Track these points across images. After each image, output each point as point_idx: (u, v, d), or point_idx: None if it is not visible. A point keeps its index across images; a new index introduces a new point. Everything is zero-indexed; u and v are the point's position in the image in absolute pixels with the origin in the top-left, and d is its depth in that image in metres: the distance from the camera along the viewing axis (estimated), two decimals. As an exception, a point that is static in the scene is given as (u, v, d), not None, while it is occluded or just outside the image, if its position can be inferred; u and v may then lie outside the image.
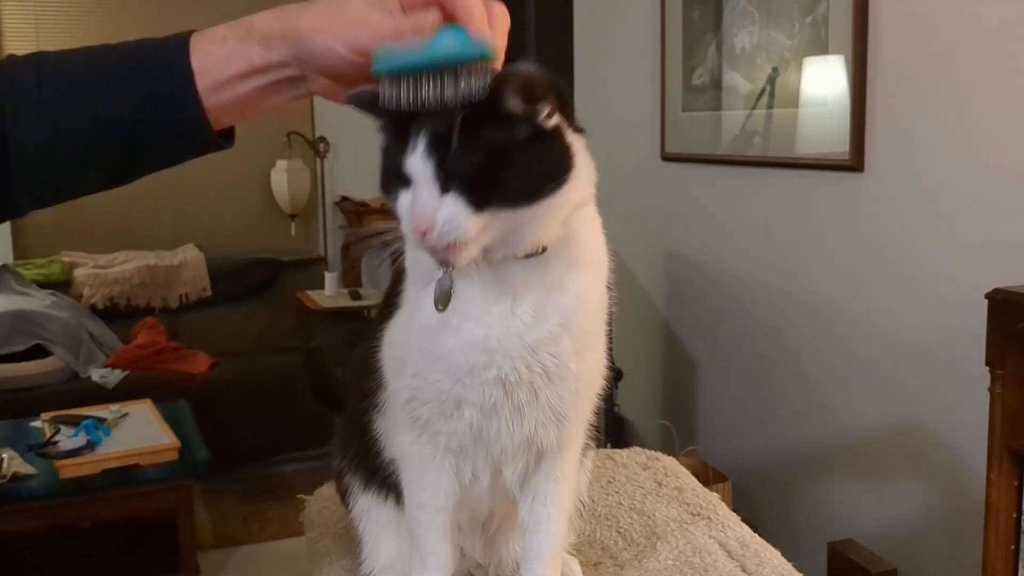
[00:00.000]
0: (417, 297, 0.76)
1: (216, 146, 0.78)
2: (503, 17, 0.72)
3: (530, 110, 0.67)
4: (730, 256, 3.04)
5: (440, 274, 0.72)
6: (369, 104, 0.70)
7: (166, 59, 0.75)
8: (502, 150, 0.66)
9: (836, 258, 2.58)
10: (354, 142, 4.89)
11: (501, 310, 0.73)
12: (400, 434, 0.82)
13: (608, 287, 0.80)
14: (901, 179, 2.37)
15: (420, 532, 0.83)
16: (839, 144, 2.50)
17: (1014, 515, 1.85)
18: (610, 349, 0.84)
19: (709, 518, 1.03)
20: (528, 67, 0.67)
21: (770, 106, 2.79)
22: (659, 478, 1.13)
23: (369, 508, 0.91)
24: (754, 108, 2.85)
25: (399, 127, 0.69)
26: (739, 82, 2.91)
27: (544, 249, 0.73)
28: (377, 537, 0.91)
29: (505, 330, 0.73)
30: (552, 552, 0.85)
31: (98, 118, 0.74)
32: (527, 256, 0.73)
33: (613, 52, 3.68)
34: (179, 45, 0.75)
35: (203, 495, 3.64)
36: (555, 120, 0.69)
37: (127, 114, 0.74)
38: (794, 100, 2.67)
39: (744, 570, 0.93)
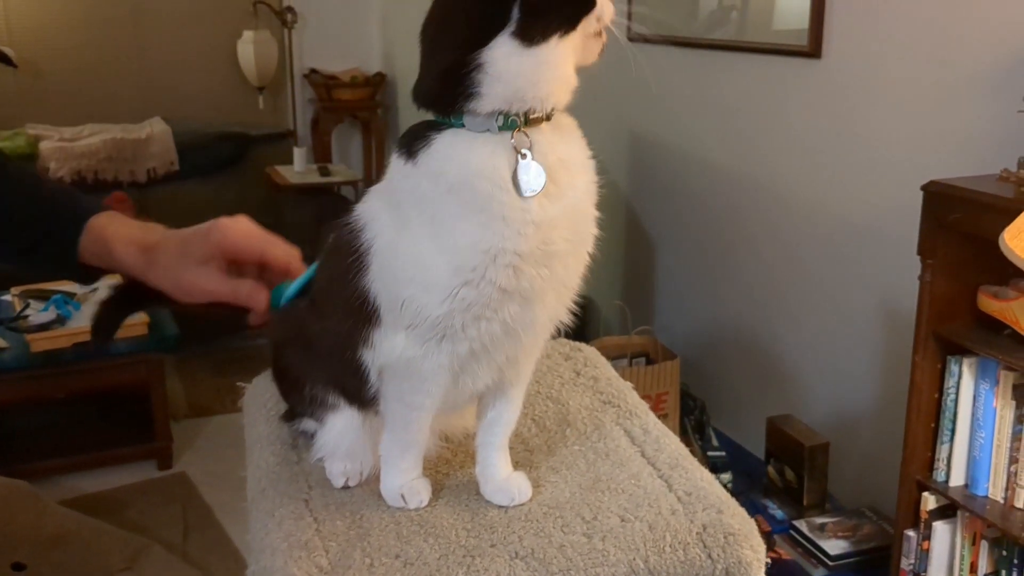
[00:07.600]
0: (453, 220, 0.78)
1: (82, 278, 1.08)
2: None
3: None
4: (691, 139, 3.06)
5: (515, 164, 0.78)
6: None
7: (81, 203, 1.05)
8: None
9: (791, 143, 2.62)
10: (323, 13, 4.78)
11: (553, 184, 0.80)
12: (407, 350, 0.83)
13: None
14: (856, 67, 2.38)
15: (414, 429, 0.89)
16: (799, 29, 2.50)
17: (936, 395, 1.96)
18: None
19: (619, 406, 1.10)
20: None
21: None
22: (578, 368, 1.19)
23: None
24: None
25: None
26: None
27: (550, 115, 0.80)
28: (331, 424, 0.94)
29: (553, 204, 0.80)
30: (515, 420, 0.94)
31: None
32: (547, 119, 0.80)
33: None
34: (96, 204, 1.05)
35: (177, 367, 3.73)
36: None
37: (39, 221, 1.04)
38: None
39: (643, 455, 1.01)
